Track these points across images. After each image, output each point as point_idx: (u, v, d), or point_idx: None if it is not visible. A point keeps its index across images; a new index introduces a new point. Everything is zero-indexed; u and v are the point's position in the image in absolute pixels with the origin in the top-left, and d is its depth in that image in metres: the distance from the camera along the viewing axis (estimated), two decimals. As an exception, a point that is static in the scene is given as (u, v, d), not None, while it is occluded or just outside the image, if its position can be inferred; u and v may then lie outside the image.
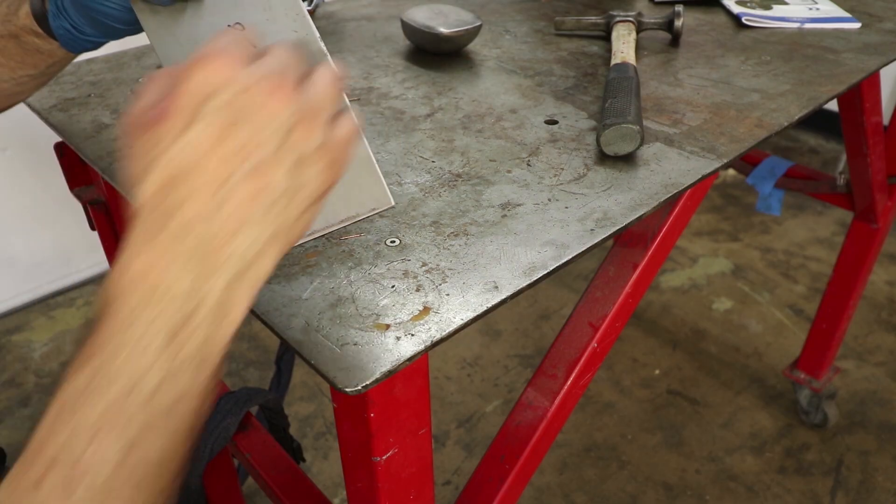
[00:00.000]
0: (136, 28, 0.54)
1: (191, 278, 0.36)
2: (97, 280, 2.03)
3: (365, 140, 0.50)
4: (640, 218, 0.56)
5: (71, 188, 0.87)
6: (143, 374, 0.36)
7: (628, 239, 0.70)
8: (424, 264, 0.51)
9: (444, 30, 0.84)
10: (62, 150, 0.83)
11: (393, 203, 0.54)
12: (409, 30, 0.87)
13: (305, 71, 0.40)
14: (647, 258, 0.68)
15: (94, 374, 0.36)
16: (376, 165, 0.51)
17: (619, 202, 0.58)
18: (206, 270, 0.37)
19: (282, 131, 0.37)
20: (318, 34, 0.47)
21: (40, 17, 0.57)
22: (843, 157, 2.18)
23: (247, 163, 0.36)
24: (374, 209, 0.53)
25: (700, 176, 0.62)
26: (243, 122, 0.36)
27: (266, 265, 0.39)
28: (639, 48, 0.89)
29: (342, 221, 0.55)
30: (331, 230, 0.54)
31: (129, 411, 0.36)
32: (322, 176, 0.40)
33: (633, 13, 0.92)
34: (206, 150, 0.36)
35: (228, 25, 0.48)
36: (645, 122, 0.70)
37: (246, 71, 0.37)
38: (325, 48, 0.48)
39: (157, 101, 0.37)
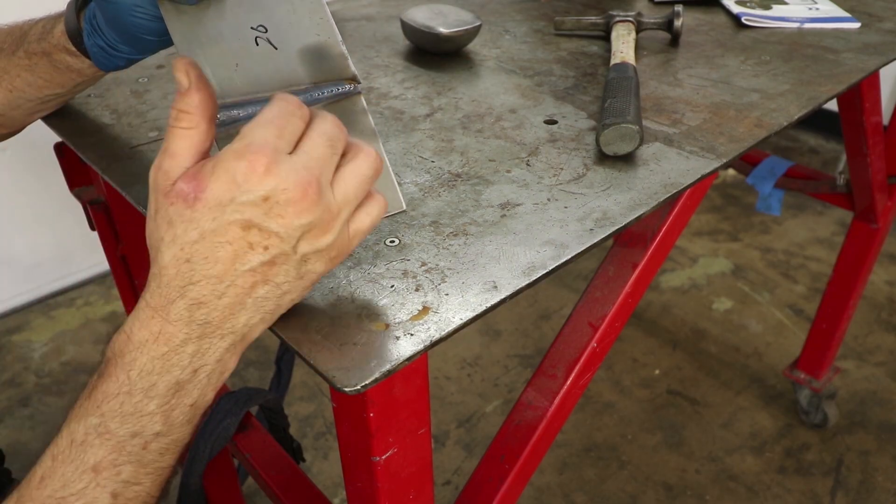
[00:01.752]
0: (166, 40, 0.55)
1: (194, 347, 0.41)
2: (97, 280, 2.03)
3: (381, 145, 0.50)
4: (639, 218, 0.56)
5: (71, 188, 0.87)
6: (145, 424, 0.40)
7: (628, 239, 0.70)
8: (424, 264, 0.51)
9: (443, 30, 0.84)
10: (62, 150, 0.83)
11: (405, 208, 0.54)
12: (409, 30, 0.87)
13: (345, 150, 0.42)
14: (646, 258, 0.68)
15: (100, 421, 0.40)
16: (391, 170, 0.51)
17: (619, 202, 0.58)
18: (207, 341, 0.41)
19: (301, 232, 0.40)
20: (340, 38, 0.48)
21: (75, 36, 0.59)
22: (843, 157, 2.18)
23: (265, 254, 0.40)
24: (386, 213, 0.53)
25: (699, 176, 0.62)
26: (271, 220, 0.39)
27: (255, 334, 0.43)
28: (638, 48, 0.89)
29: None
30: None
31: (125, 457, 0.40)
32: (325, 266, 0.43)
33: (632, 13, 0.92)
34: (227, 241, 0.39)
35: (252, 27, 0.48)
36: (644, 122, 0.70)
37: (282, 170, 0.39)
38: (346, 51, 0.49)
39: (190, 169, 0.40)
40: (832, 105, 1.04)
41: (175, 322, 0.40)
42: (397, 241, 0.53)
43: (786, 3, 1.03)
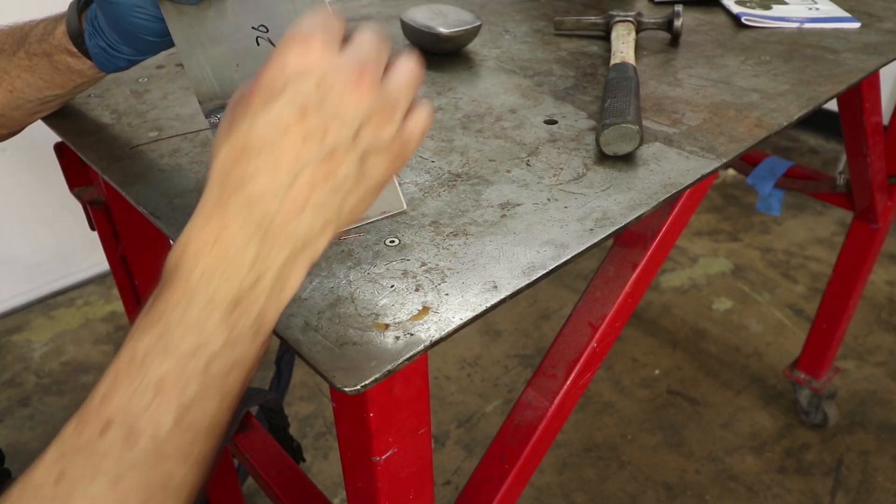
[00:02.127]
0: (167, 41, 0.55)
1: (255, 251, 0.38)
2: (97, 280, 2.03)
3: None
4: (639, 218, 0.56)
5: (71, 188, 0.87)
6: (207, 339, 0.38)
7: (628, 239, 0.70)
8: (424, 264, 0.51)
9: (443, 30, 0.84)
10: (62, 150, 0.83)
11: (405, 208, 0.54)
12: (409, 30, 0.87)
13: (389, 59, 0.41)
14: (646, 258, 0.68)
15: (161, 334, 0.38)
16: None
17: (619, 202, 0.58)
18: (269, 243, 0.38)
19: (358, 122, 0.38)
20: None
21: (76, 37, 0.59)
22: (843, 157, 2.18)
23: (321, 147, 0.38)
24: (385, 212, 0.53)
25: (699, 176, 0.62)
26: (324, 106, 0.37)
27: (320, 246, 0.40)
28: (638, 48, 0.89)
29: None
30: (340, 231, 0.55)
31: (190, 373, 0.37)
32: (385, 168, 0.41)
33: (632, 13, 0.92)
34: (283, 128, 0.37)
35: (252, 27, 0.48)
36: (644, 122, 0.70)
37: (335, 57, 0.38)
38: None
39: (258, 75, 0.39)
40: (832, 105, 1.04)
41: (233, 222, 0.37)
42: (397, 241, 0.53)
43: (786, 3, 1.03)
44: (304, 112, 0.37)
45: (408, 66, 0.41)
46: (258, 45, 0.49)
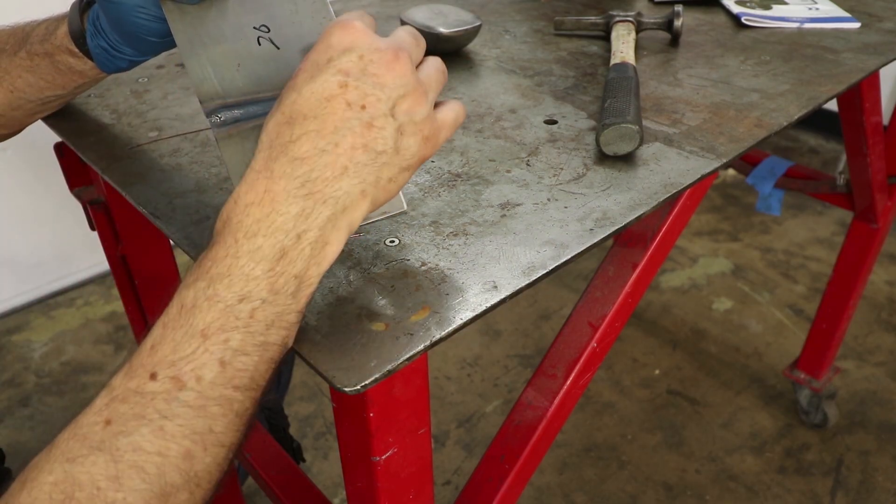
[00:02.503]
0: (168, 41, 0.55)
1: (298, 207, 0.41)
2: (97, 280, 2.03)
3: None
4: (639, 218, 0.56)
5: (71, 188, 0.87)
6: (252, 289, 0.40)
7: (628, 239, 0.70)
8: (424, 264, 0.51)
9: (443, 30, 0.84)
10: (62, 150, 0.83)
11: (406, 208, 0.53)
12: (409, 30, 0.87)
13: (421, 52, 0.46)
14: (646, 258, 0.68)
15: (209, 283, 0.40)
16: None
17: (619, 202, 0.58)
18: (310, 203, 0.41)
19: (397, 95, 0.42)
20: None
21: (78, 37, 0.59)
22: (843, 157, 2.18)
23: (363, 114, 0.41)
24: (385, 213, 0.53)
25: (699, 175, 0.62)
26: (367, 78, 0.41)
27: (357, 214, 0.43)
28: (638, 48, 0.89)
29: None
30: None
31: (234, 324, 0.39)
32: (420, 147, 0.44)
33: (632, 13, 0.92)
34: (327, 97, 0.41)
35: (254, 27, 0.48)
36: (644, 122, 0.70)
37: (377, 38, 0.42)
38: None
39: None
40: (832, 105, 1.05)
41: (279, 179, 0.40)
42: (397, 241, 0.53)
43: (786, 3, 1.03)
44: (346, 83, 0.41)
45: (436, 62, 0.46)
46: (259, 45, 0.49)
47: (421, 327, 0.45)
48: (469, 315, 0.46)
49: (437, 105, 0.46)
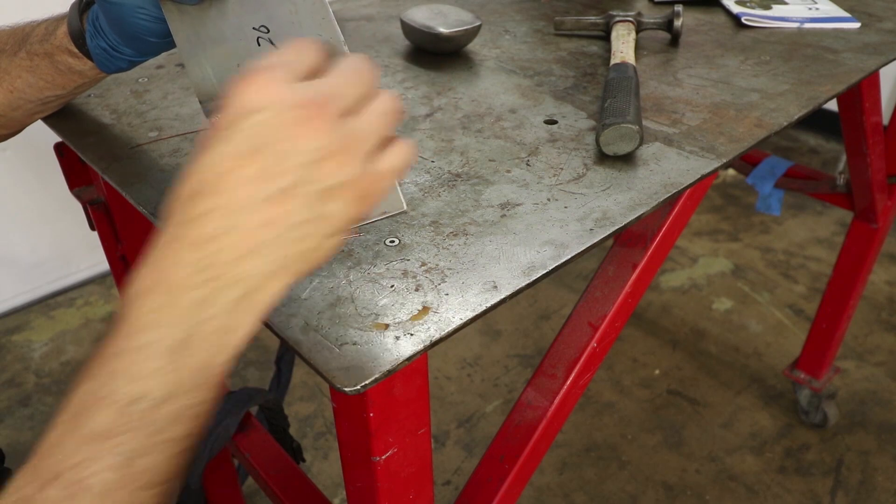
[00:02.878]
0: (168, 42, 0.55)
1: (198, 294, 0.36)
2: (97, 280, 2.03)
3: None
4: (639, 218, 0.56)
5: (71, 188, 0.87)
6: (145, 388, 0.36)
7: (628, 239, 0.70)
8: (424, 264, 0.51)
9: (443, 30, 0.84)
10: (62, 150, 0.83)
11: (405, 208, 0.53)
12: (409, 30, 0.87)
13: (364, 93, 0.39)
14: (646, 258, 0.68)
15: (104, 382, 0.36)
16: None
17: (619, 202, 0.58)
18: (212, 289, 0.36)
19: (308, 161, 0.36)
20: (342, 38, 0.48)
21: (77, 38, 0.58)
22: (843, 157, 2.18)
23: (269, 187, 0.36)
24: (385, 213, 0.53)
25: (699, 175, 0.62)
26: (270, 146, 0.36)
27: (272, 291, 0.38)
28: (638, 48, 0.89)
29: None
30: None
31: (130, 424, 0.36)
32: (348, 210, 0.38)
33: (632, 13, 0.92)
34: (227, 170, 0.36)
35: (254, 28, 0.48)
36: (644, 122, 0.70)
37: (290, 92, 0.36)
38: (348, 52, 0.49)
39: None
40: (832, 105, 1.05)
41: (175, 266, 0.36)
42: (397, 241, 0.53)
43: (786, 3, 1.03)
44: (255, 150, 0.36)
45: (385, 102, 0.40)
46: (259, 45, 0.49)
47: (421, 327, 0.45)
48: (469, 315, 0.46)
49: (385, 143, 0.40)
